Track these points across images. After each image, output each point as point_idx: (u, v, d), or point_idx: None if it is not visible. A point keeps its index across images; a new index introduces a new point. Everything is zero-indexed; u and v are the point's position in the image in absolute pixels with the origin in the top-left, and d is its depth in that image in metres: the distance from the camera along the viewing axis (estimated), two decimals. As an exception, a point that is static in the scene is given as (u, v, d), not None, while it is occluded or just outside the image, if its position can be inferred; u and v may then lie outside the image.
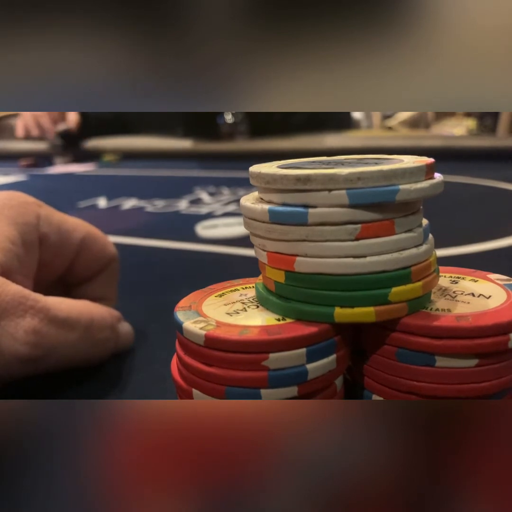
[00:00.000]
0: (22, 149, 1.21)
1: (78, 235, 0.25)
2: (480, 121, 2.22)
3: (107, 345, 0.24)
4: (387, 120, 2.28)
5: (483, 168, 0.79)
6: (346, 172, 0.15)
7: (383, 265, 0.16)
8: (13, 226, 0.22)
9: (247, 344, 0.15)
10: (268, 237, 0.17)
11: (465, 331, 0.15)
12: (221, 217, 0.56)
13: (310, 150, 0.92)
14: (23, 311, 0.20)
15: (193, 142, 1.14)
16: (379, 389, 0.17)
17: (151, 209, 0.63)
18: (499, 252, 0.40)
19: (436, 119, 2.33)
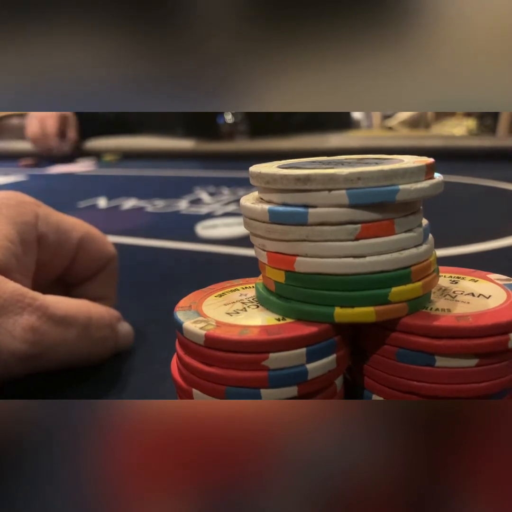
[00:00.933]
0: (22, 149, 1.21)
1: (77, 234, 0.25)
2: (480, 121, 2.22)
3: (106, 344, 0.24)
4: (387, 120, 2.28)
5: (483, 168, 0.79)
6: (346, 172, 0.15)
7: (383, 265, 0.16)
8: (11, 225, 0.22)
9: (247, 344, 0.15)
10: (268, 237, 0.17)
11: (465, 331, 0.15)
12: (221, 217, 0.56)
13: (310, 150, 0.92)
14: (21, 309, 0.20)
15: (193, 142, 1.14)
16: (379, 389, 0.17)
17: (151, 209, 0.63)
18: (499, 252, 0.40)
19: (436, 119, 2.33)
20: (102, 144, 1.19)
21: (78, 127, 1.15)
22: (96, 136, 1.20)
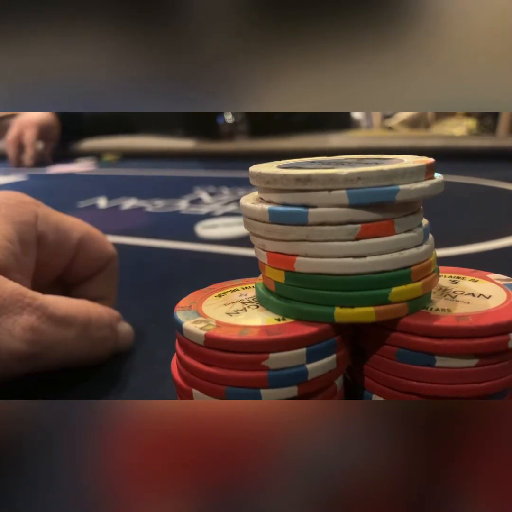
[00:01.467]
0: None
1: (76, 234, 0.25)
2: (480, 121, 2.22)
3: (105, 344, 0.24)
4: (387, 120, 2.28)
5: (483, 168, 0.79)
6: (346, 172, 0.15)
7: (383, 265, 0.16)
8: (10, 225, 0.22)
9: (247, 344, 0.15)
10: (268, 237, 0.17)
11: (465, 331, 0.15)
12: (221, 217, 0.56)
13: (310, 150, 0.92)
14: (21, 308, 0.20)
15: (193, 142, 1.14)
16: (379, 389, 0.17)
17: (151, 209, 0.63)
18: (499, 252, 0.40)
19: (436, 119, 2.33)
20: (101, 144, 1.19)
21: (61, 129, 1.13)
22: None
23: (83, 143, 1.19)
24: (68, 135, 1.16)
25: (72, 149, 1.19)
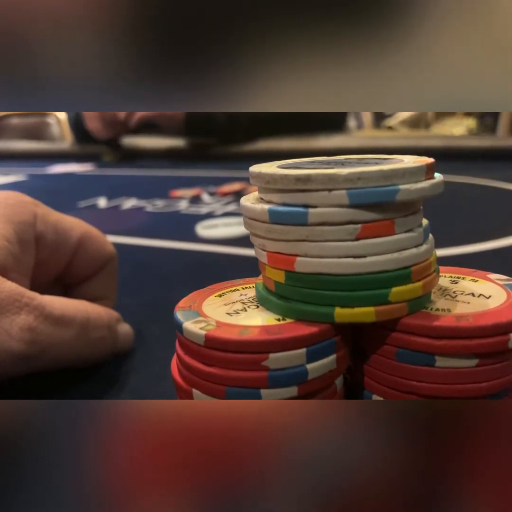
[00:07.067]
0: (22, 149, 1.21)
1: (76, 234, 0.25)
2: (480, 121, 2.22)
3: (104, 344, 0.24)
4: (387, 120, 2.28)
5: (483, 168, 0.79)
6: (346, 172, 0.15)
7: (383, 265, 0.16)
8: (9, 225, 0.22)
9: (247, 344, 0.15)
10: (268, 237, 0.17)
11: (465, 331, 0.15)
12: (221, 217, 0.56)
13: (310, 150, 0.92)
14: (18, 308, 0.20)
15: (193, 141, 1.14)
16: (379, 389, 0.17)
17: (151, 209, 0.63)
18: (499, 252, 0.40)
19: (436, 119, 2.33)
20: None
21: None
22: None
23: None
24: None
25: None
